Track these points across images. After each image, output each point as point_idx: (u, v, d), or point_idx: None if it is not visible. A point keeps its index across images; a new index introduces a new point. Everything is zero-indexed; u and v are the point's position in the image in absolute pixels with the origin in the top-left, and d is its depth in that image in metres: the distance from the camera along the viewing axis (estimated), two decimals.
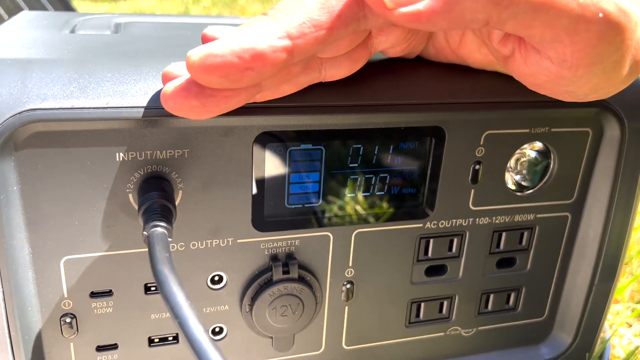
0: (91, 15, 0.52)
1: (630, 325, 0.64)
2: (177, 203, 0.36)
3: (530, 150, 0.43)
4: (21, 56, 0.36)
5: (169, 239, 0.30)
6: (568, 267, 0.47)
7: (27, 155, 0.33)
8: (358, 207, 0.40)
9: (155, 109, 0.33)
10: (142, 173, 0.35)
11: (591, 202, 0.45)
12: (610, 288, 0.48)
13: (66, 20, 0.50)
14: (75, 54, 0.37)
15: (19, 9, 1.11)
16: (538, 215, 0.45)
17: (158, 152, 0.34)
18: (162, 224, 0.31)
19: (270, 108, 0.35)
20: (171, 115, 0.33)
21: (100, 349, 0.39)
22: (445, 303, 0.46)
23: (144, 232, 0.30)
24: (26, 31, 0.46)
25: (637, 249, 0.75)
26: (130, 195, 0.35)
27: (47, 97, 0.32)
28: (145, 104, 0.33)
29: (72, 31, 0.46)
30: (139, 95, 0.33)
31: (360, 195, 0.40)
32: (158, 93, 0.33)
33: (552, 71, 0.30)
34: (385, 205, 0.41)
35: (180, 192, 0.36)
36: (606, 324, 0.61)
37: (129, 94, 0.33)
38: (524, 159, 0.43)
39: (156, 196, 0.33)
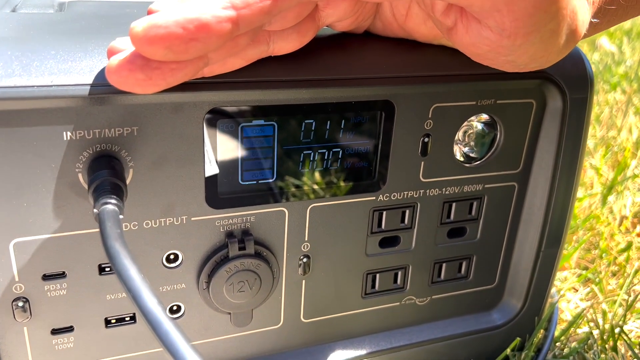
0: None
1: (577, 290, 0.68)
2: (128, 182, 0.36)
3: (477, 122, 0.44)
4: None
5: (120, 216, 0.30)
6: (516, 235, 0.49)
7: None
8: (312, 182, 0.41)
9: (101, 86, 0.33)
10: (91, 152, 0.34)
11: (536, 171, 0.47)
12: (556, 253, 0.50)
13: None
14: (17, 32, 0.36)
15: None
16: (486, 186, 0.46)
17: (106, 130, 0.34)
18: (113, 201, 0.30)
19: (219, 83, 0.35)
20: (118, 92, 0.32)
21: (55, 332, 0.38)
22: (399, 273, 0.47)
23: (95, 210, 0.30)
24: None
25: (583, 218, 0.79)
26: (79, 175, 0.34)
27: None
28: (91, 82, 0.33)
29: (14, 10, 0.45)
30: (85, 72, 0.33)
31: (314, 171, 0.41)
32: (104, 70, 0.33)
33: (492, 40, 0.31)
34: (338, 179, 0.41)
35: (131, 170, 0.35)
36: (554, 290, 0.64)
37: (75, 71, 0.33)
38: (472, 131, 0.44)
39: (106, 174, 0.32)
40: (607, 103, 1.28)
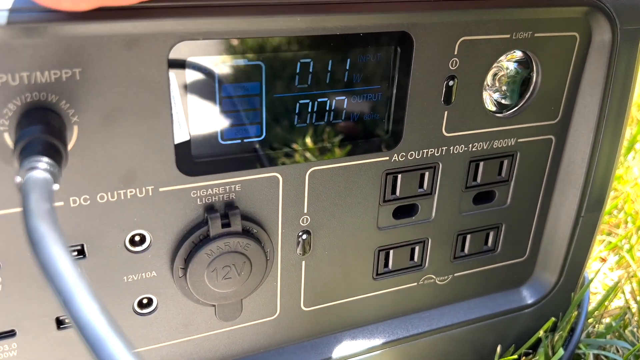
0: None
1: (604, 260, 0.61)
2: (72, 142, 0.27)
3: (508, 63, 0.36)
4: None
5: (54, 186, 0.22)
6: (551, 198, 0.42)
7: None
8: (311, 140, 0.33)
9: (27, 12, 0.24)
10: (19, 104, 0.26)
11: (578, 120, 0.39)
12: (597, 218, 0.43)
13: None
14: None
15: None
16: (519, 140, 0.38)
17: (38, 73, 0.25)
18: (43, 165, 0.22)
19: (188, 7, 0.26)
20: (51, 19, 0.24)
21: None
22: (417, 248, 0.39)
23: (18, 177, 0.22)
24: None
25: None
26: (5, 135, 0.26)
27: None
28: (11, 5, 0.24)
29: None
30: None
31: (313, 125, 0.32)
32: None
33: None
34: (343, 136, 0.33)
35: (75, 127, 0.27)
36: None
37: None
38: (502, 73, 0.36)
39: (37, 131, 0.24)
40: None
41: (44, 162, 0.22)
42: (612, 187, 0.43)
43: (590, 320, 0.51)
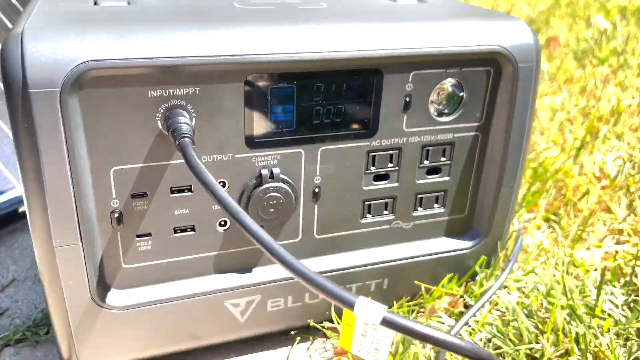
0: None
1: (540, 228, 0.82)
2: None
3: (448, 85, 0.58)
4: (70, 22, 0.49)
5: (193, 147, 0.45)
6: (480, 174, 0.63)
7: (87, 94, 0.46)
8: (322, 131, 0.55)
9: (174, 58, 0.47)
10: (167, 106, 0.49)
11: (495, 124, 0.60)
12: (512, 191, 0.63)
13: None
14: (110, 19, 0.51)
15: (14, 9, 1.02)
16: (456, 135, 0.60)
17: (178, 89, 0.49)
18: (188, 136, 0.45)
19: (256, 55, 0.49)
20: (186, 63, 0.47)
21: (139, 236, 0.53)
22: (389, 203, 0.61)
23: (176, 142, 0.45)
24: (53, 5, 0.58)
25: (552, 172, 0.92)
26: (158, 122, 0.49)
27: (100, 50, 0.46)
28: (166, 54, 0.47)
29: (95, 3, 0.59)
30: (163, 47, 0.47)
31: (324, 122, 0.55)
32: (176, 44, 0.47)
33: None
34: (342, 128, 0.56)
35: (194, 119, 0.50)
36: (521, 225, 0.79)
37: (157, 46, 0.47)
38: (443, 92, 0.58)
39: (180, 120, 0.47)
40: (594, 76, 1.40)
41: (188, 135, 0.45)
42: (522, 171, 0.64)
43: (522, 267, 0.72)
